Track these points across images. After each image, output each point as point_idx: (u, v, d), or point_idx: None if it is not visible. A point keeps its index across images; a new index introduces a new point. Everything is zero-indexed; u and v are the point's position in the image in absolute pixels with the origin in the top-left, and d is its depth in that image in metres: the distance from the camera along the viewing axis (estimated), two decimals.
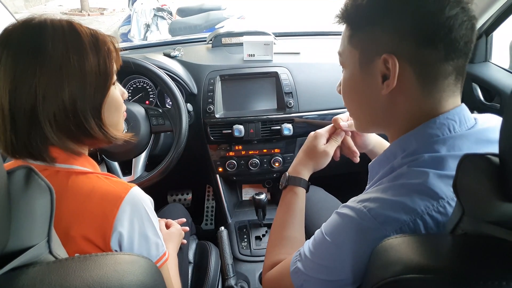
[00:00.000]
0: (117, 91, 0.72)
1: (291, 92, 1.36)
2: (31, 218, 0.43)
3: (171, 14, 4.83)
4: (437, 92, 0.56)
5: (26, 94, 0.59)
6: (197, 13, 4.38)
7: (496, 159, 0.39)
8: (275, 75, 1.38)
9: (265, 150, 1.41)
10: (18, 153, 0.64)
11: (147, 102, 1.44)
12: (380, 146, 0.91)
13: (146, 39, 4.48)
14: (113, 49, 0.69)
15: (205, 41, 1.66)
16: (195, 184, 1.84)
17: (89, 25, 0.68)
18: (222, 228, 1.23)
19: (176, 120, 1.18)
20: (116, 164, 1.20)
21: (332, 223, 0.58)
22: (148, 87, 1.43)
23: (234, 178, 1.48)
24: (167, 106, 1.44)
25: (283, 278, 0.66)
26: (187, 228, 1.11)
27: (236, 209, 1.52)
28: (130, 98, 1.41)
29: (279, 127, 1.35)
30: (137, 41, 4.26)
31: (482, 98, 1.24)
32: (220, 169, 1.42)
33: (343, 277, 0.54)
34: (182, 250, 1.08)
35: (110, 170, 1.19)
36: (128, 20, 4.78)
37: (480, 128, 0.58)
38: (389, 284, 0.43)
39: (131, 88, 1.43)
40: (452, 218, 0.46)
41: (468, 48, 0.55)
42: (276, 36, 1.63)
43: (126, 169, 1.21)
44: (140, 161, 1.21)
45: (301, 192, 0.85)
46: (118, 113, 0.73)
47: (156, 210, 1.23)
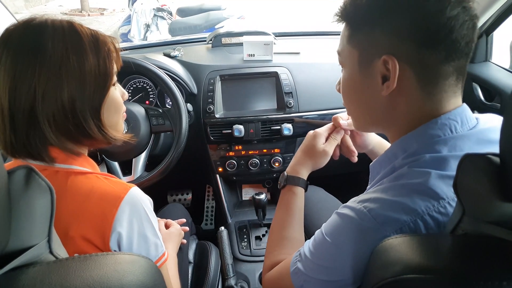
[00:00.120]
0: (117, 92, 0.72)
1: (291, 92, 1.36)
2: (32, 218, 0.43)
3: (171, 14, 4.83)
4: (438, 93, 0.56)
5: (26, 94, 0.59)
6: (197, 13, 4.38)
7: (497, 159, 0.39)
8: (275, 75, 1.38)
9: (265, 150, 1.41)
10: (18, 153, 0.64)
11: (147, 102, 1.44)
12: (380, 146, 0.91)
13: (146, 39, 4.48)
14: (114, 50, 0.69)
15: (205, 41, 1.66)
16: (195, 184, 1.84)
17: (89, 25, 0.68)
18: (222, 228, 1.23)
19: (176, 120, 1.18)
20: (116, 164, 1.20)
21: (332, 224, 0.58)
22: (148, 87, 1.43)
23: (234, 178, 1.48)
24: (167, 106, 1.44)
25: (283, 279, 0.66)
26: (187, 228, 1.11)
27: (236, 209, 1.52)
28: (130, 98, 1.41)
29: (279, 127, 1.35)
30: (137, 41, 4.26)
31: (483, 98, 1.24)
32: (220, 169, 1.42)
33: (343, 278, 0.54)
34: (182, 250, 1.08)
35: (110, 170, 1.19)
36: (128, 20, 4.78)
37: (482, 128, 0.57)
38: (389, 284, 0.43)
39: (131, 88, 1.43)
40: (453, 218, 0.46)
41: (469, 48, 0.54)
42: (276, 36, 1.63)
43: (126, 169, 1.21)
44: (140, 161, 1.21)
45: (300, 192, 0.85)
46: (118, 114, 0.73)
47: (156, 210, 1.23)
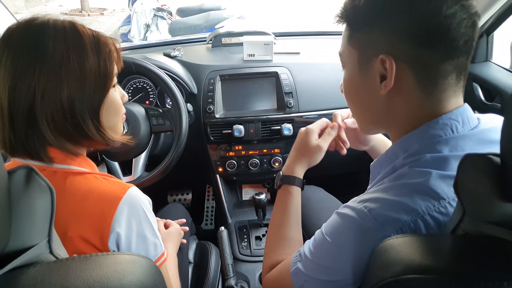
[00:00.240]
0: (117, 94, 0.71)
1: (291, 92, 1.36)
2: (32, 218, 0.43)
3: (171, 14, 4.83)
4: (438, 92, 0.56)
5: (25, 93, 0.59)
6: (197, 13, 4.38)
7: (497, 159, 0.39)
8: (275, 75, 1.38)
9: (265, 150, 1.41)
10: (16, 152, 0.64)
11: (147, 102, 1.44)
12: (382, 144, 0.90)
13: (146, 39, 4.48)
14: (115, 51, 0.69)
15: (205, 41, 1.65)
16: (195, 184, 1.84)
17: (89, 26, 0.68)
18: (222, 228, 1.23)
19: (176, 120, 1.18)
20: (116, 164, 1.19)
21: (333, 224, 0.58)
22: (148, 87, 1.43)
23: (234, 178, 1.48)
24: (167, 106, 1.44)
25: (284, 279, 0.66)
26: (187, 228, 1.11)
27: (236, 209, 1.52)
28: (130, 98, 1.41)
29: (279, 127, 1.35)
30: (137, 41, 4.26)
31: (483, 98, 1.24)
32: (220, 169, 1.42)
33: (344, 278, 0.54)
34: (182, 250, 1.08)
35: (110, 170, 1.19)
36: (128, 20, 4.78)
37: (483, 128, 0.57)
38: (390, 284, 0.43)
39: (131, 88, 1.43)
40: (453, 218, 0.46)
41: (469, 47, 0.54)
42: (276, 36, 1.63)
43: (126, 169, 1.21)
44: (140, 161, 1.20)
45: (296, 191, 0.84)
46: (117, 116, 0.72)
47: (156, 210, 1.23)
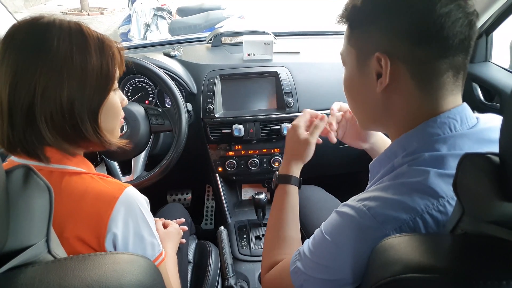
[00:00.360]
0: (117, 98, 0.72)
1: (291, 92, 1.36)
2: (30, 218, 0.43)
3: (171, 14, 4.83)
4: (434, 91, 0.56)
5: (26, 90, 0.59)
6: (197, 13, 4.38)
7: (496, 159, 0.38)
8: (275, 75, 1.37)
9: (265, 150, 1.41)
10: (14, 148, 0.64)
11: (147, 102, 1.44)
12: (382, 143, 0.91)
13: (146, 39, 4.48)
14: (118, 55, 0.69)
15: (205, 41, 1.65)
16: (195, 184, 1.84)
17: (89, 25, 0.68)
18: (222, 228, 1.23)
19: (176, 120, 1.18)
20: (116, 164, 1.19)
21: (332, 222, 0.58)
22: (148, 87, 1.43)
23: (234, 178, 1.48)
24: (167, 106, 1.44)
25: (283, 278, 0.66)
26: (186, 228, 1.10)
27: (236, 209, 1.52)
28: (130, 98, 1.41)
29: (279, 127, 1.35)
30: (137, 41, 4.26)
31: (482, 98, 1.24)
32: (220, 169, 1.42)
33: (343, 277, 0.54)
34: (182, 250, 1.08)
35: (110, 170, 1.19)
36: (128, 20, 4.78)
37: (482, 128, 0.57)
38: (389, 284, 0.43)
39: (131, 88, 1.42)
40: (452, 218, 0.46)
41: (465, 46, 0.54)
42: (276, 36, 1.63)
43: (126, 169, 1.20)
44: (140, 161, 1.20)
45: (292, 190, 0.84)
46: (116, 120, 0.73)
47: (156, 210, 1.23)
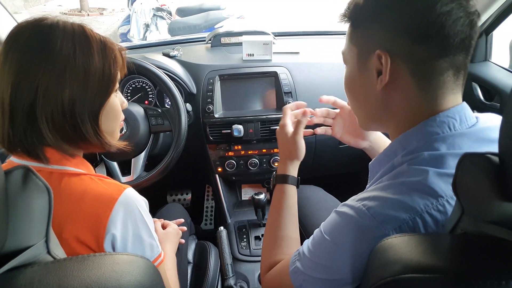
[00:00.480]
0: (117, 100, 0.72)
1: (291, 92, 1.36)
2: (29, 218, 0.43)
3: (171, 14, 4.83)
4: (434, 89, 0.56)
5: (28, 90, 0.60)
6: (197, 13, 4.38)
7: (496, 159, 0.38)
8: (275, 75, 1.37)
9: (265, 150, 1.41)
10: (14, 148, 0.64)
11: (146, 102, 1.44)
12: (381, 141, 0.91)
13: (146, 39, 4.49)
14: (120, 57, 0.69)
15: (204, 41, 1.65)
16: (195, 184, 1.84)
17: (89, 25, 0.68)
18: (222, 228, 1.23)
19: (175, 120, 1.18)
20: (115, 164, 1.19)
21: (331, 222, 0.58)
22: (147, 87, 1.43)
23: (234, 178, 1.48)
24: (166, 106, 1.44)
25: (283, 278, 0.66)
26: (185, 228, 1.10)
27: (236, 209, 1.52)
28: (129, 98, 1.41)
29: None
30: (137, 41, 4.26)
31: (482, 98, 1.24)
32: (220, 169, 1.42)
33: (342, 276, 0.54)
34: (181, 250, 1.08)
35: (109, 170, 1.19)
36: (128, 20, 4.78)
37: (481, 127, 0.57)
38: (388, 284, 0.43)
39: (130, 88, 1.42)
40: (452, 218, 0.46)
41: (466, 45, 0.54)
42: (276, 36, 1.63)
43: (126, 169, 1.20)
44: (140, 161, 1.20)
45: (289, 189, 0.85)
46: (116, 122, 0.73)
47: (156, 210, 1.24)
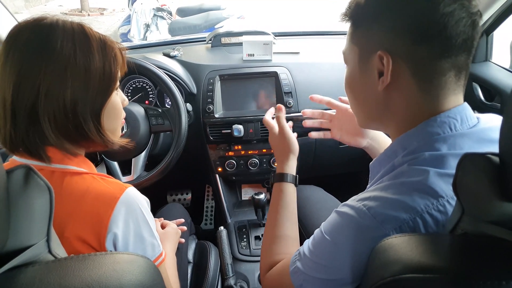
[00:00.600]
0: (118, 98, 0.72)
1: (291, 92, 1.36)
2: (30, 218, 0.43)
3: (171, 14, 4.83)
4: (435, 90, 0.56)
5: (29, 90, 0.60)
6: (197, 13, 4.38)
7: (496, 159, 0.38)
8: (275, 75, 1.37)
9: (265, 150, 1.41)
10: (16, 148, 0.64)
11: (147, 102, 1.44)
12: (382, 139, 0.91)
13: (146, 39, 4.48)
14: (120, 55, 0.69)
15: (205, 41, 1.65)
16: (195, 184, 1.84)
17: (89, 25, 0.68)
18: (222, 228, 1.23)
19: (176, 120, 1.18)
20: (116, 164, 1.19)
21: (332, 222, 0.58)
22: (148, 87, 1.43)
23: (234, 178, 1.48)
24: (167, 106, 1.44)
25: (283, 278, 0.66)
26: (185, 228, 1.10)
27: (236, 209, 1.52)
28: (130, 98, 1.41)
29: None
30: (137, 41, 4.27)
31: (483, 98, 1.24)
32: (220, 169, 1.42)
33: (342, 276, 0.54)
34: (181, 250, 1.08)
35: (110, 170, 1.19)
36: (128, 20, 4.78)
37: (482, 127, 0.57)
38: (389, 284, 0.43)
39: (131, 88, 1.43)
40: (452, 218, 0.46)
41: (469, 45, 0.54)
42: (276, 36, 1.63)
43: (126, 169, 1.20)
44: (140, 161, 1.20)
45: (287, 188, 0.85)
46: (117, 120, 0.73)
47: (156, 210, 1.23)
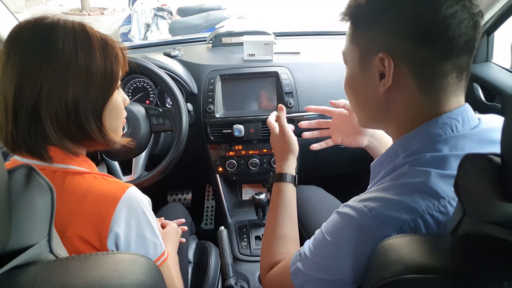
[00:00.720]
0: (120, 97, 0.72)
1: (291, 92, 1.36)
2: (32, 217, 0.43)
3: (171, 14, 4.83)
4: (437, 92, 0.56)
5: (31, 90, 0.60)
6: (197, 13, 4.38)
7: (498, 159, 0.38)
8: (275, 75, 1.37)
9: (265, 150, 1.41)
10: (17, 147, 0.64)
11: (147, 102, 1.44)
12: (381, 137, 0.91)
13: (146, 39, 4.49)
14: (121, 55, 0.69)
15: (205, 41, 1.65)
16: (195, 184, 1.84)
17: (90, 25, 0.68)
18: (222, 228, 1.23)
19: (176, 120, 1.18)
20: (116, 164, 1.19)
21: (333, 223, 0.58)
22: (148, 87, 1.43)
23: (234, 178, 1.48)
24: (167, 106, 1.44)
25: (284, 279, 0.66)
26: (185, 228, 1.10)
27: (236, 209, 1.52)
28: (131, 98, 1.41)
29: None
30: (137, 41, 4.27)
31: (483, 98, 1.24)
32: (220, 169, 1.42)
33: (343, 277, 0.54)
34: (182, 250, 1.08)
35: (110, 170, 1.19)
36: (129, 20, 4.78)
37: (484, 128, 0.57)
38: (390, 284, 0.43)
39: (132, 88, 1.43)
40: (453, 218, 0.46)
41: (470, 47, 0.54)
42: (276, 36, 1.63)
43: (126, 169, 1.21)
44: (140, 161, 1.20)
45: (287, 187, 0.85)
46: (119, 119, 0.73)
47: (156, 210, 1.23)
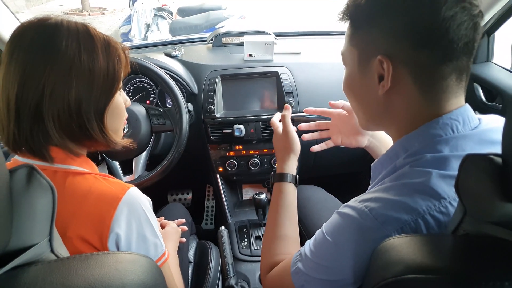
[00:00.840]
0: (121, 98, 0.73)
1: (292, 92, 1.36)
2: (33, 217, 0.43)
3: (172, 14, 4.83)
4: (437, 94, 0.56)
5: (34, 90, 0.60)
6: (198, 13, 4.38)
7: (499, 160, 0.39)
8: (276, 75, 1.38)
9: (266, 150, 1.41)
10: (19, 147, 0.64)
11: (148, 102, 1.44)
12: (381, 136, 0.90)
13: (147, 39, 4.49)
14: (123, 56, 0.70)
15: (206, 41, 1.66)
16: (196, 184, 1.84)
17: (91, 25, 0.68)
18: (222, 228, 1.23)
19: (177, 120, 1.18)
20: (117, 164, 1.20)
21: (333, 223, 0.58)
22: (149, 87, 1.43)
23: (235, 178, 1.48)
24: (168, 106, 1.44)
25: (284, 279, 0.66)
26: (186, 228, 1.11)
27: (236, 209, 1.52)
28: (131, 98, 1.41)
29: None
30: (138, 41, 4.27)
31: (484, 99, 1.24)
32: (221, 169, 1.42)
33: (344, 277, 0.54)
34: (182, 250, 1.08)
35: (111, 170, 1.19)
36: (129, 20, 4.79)
37: (484, 129, 0.57)
38: (390, 284, 0.43)
39: (132, 88, 1.43)
40: (454, 219, 0.46)
41: (470, 48, 0.54)
42: (277, 36, 1.63)
43: (127, 169, 1.21)
44: (141, 161, 1.21)
45: (287, 187, 0.85)
46: (120, 120, 0.74)
47: (157, 210, 1.23)
